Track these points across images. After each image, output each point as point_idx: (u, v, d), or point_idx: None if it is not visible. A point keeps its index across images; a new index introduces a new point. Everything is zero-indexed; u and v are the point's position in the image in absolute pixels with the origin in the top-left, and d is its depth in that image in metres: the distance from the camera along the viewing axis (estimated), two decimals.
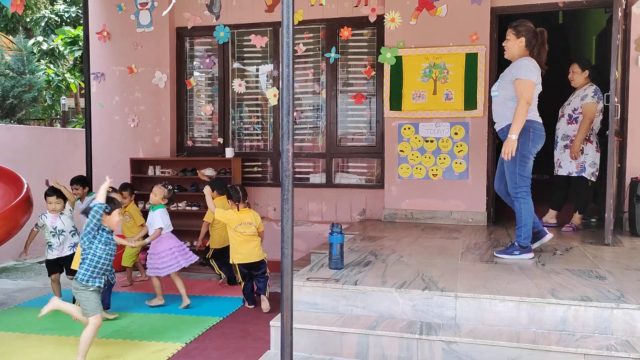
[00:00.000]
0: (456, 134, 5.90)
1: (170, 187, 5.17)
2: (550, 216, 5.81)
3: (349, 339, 3.18)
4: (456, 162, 5.91)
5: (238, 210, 4.88)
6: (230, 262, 4.96)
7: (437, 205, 5.99)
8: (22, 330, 4.36)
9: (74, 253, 4.80)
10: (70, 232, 5.01)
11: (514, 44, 4.13)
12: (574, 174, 5.48)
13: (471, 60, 5.82)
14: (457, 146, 5.90)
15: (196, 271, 6.44)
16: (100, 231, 3.64)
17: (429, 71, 5.94)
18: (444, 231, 5.47)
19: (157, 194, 5.02)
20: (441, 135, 5.94)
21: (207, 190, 4.91)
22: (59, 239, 4.94)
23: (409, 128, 6.04)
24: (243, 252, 4.81)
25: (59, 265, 5.03)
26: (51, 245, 4.95)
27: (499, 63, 5.97)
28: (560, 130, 5.62)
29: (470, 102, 5.83)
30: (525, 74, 3.97)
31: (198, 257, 5.23)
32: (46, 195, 4.97)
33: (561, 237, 5.23)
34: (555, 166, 5.67)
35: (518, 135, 3.94)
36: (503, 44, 4.25)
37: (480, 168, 5.88)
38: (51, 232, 4.92)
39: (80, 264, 3.66)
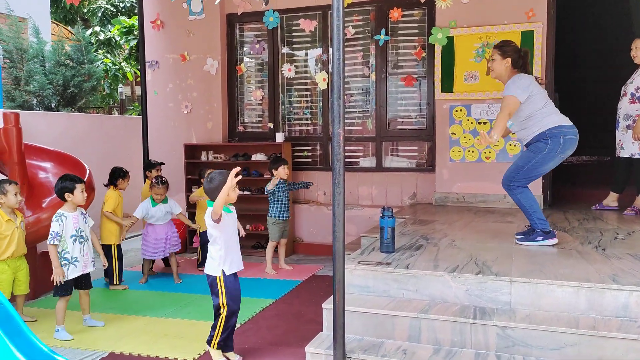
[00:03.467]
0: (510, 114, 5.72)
1: (163, 180, 5.55)
2: (612, 199, 5.59)
3: (401, 322, 3.19)
4: (510, 144, 5.76)
5: None
6: None
7: (490, 188, 5.86)
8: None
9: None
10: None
11: (500, 65, 4.05)
12: (637, 155, 5.23)
13: (527, 38, 5.62)
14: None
15: (249, 254, 6.60)
16: None
17: (482, 51, 5.78)
18: (498, 215, 5.36)
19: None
20: (494, 116, 5.79)
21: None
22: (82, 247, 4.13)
23: (460, 110, 5.92)
24: None
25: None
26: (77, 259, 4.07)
27: (557, 40, 5.75)
28: (622, 110, 5.37)
29: None
30: (510, 90, 3.89)
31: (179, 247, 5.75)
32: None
33: (623, 220, 5.02)
34: (616, 147, 5.43)
35: (499, 135, 3.79)
36: (488, 65, 4.17)
37: None
38: (72, 236, 4.06)
39: None
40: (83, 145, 7.06)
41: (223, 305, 3.44)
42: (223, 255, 3.44)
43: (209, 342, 3.50)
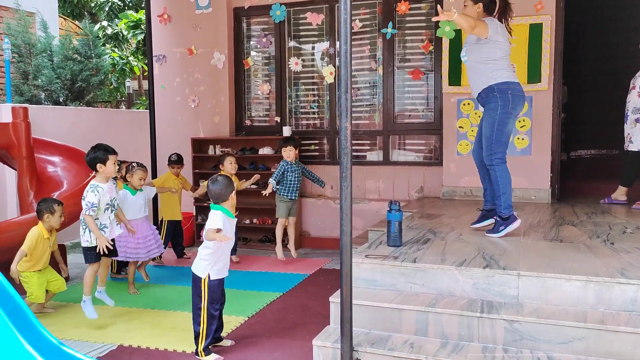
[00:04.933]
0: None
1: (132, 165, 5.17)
2: (620, 193, 5.56)
3: (408, 316, 3.19)
4: (518, 138, 5.73)
5: None
6: None
7: None
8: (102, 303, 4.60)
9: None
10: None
11: (471, 10, 4.03)
12: None
13: (535, 31, 5.57)
14: (519, 121, 5.70)
15: (256, 248, 6.61)
16: None
17: None
18: None
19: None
20: None
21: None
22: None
23: (468, 104, 5.89)
24: None
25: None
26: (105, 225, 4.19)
27: (566, 33, 5.71)
28: (630, 103, 5.32)
29: (534, 75, 5.61)
30: (485, 21, 3.91)
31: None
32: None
33: (631, 214, 4.99)
34: (625, 141, 5.39)
35: (457, 20, 3.75)
36: (461, 11, 4.10)
37: (544, 144, 5.67)
38: (107, 205, 4.13)
39: None
40: (91, 139, 7.02)
41: (203, 308, 3.46)
42: (212, 260, 3.49)
43: (197, 353, 3.50)
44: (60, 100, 8.86)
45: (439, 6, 3.76)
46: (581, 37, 8.15)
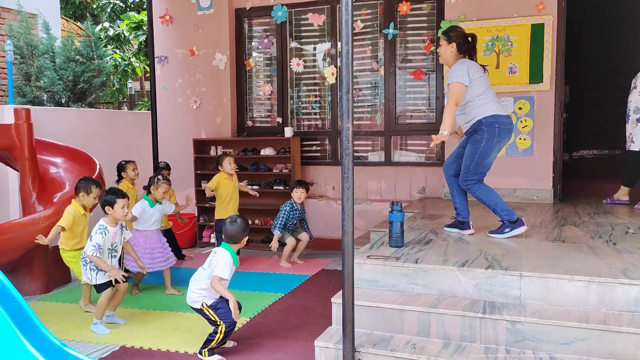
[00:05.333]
0: (520, 108, 5.70)
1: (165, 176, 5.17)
2: (622, 193, 5.55)
3: (410, 317, 3.19)
4: (520, 138, 5.72)
5: None
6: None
7: (500, 182, 5.81)
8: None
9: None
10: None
11: (445, 50, 4.18)
12: None
13: (537, 31, 5.57)
14: (521, 122, 5.71)
15: (258, 249, 6.61)
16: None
17: (491, 44, 5.74)
18: None
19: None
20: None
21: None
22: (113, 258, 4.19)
23: None
24: None
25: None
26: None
27: (568, 33, 5.70)
28: (632, 103, 5.32)
29: (536, 75, 5.61)
30: (454, 78, 4.00)
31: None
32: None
33: (634, 215, 4.99)
34: (627, 141, 5.39)
35: (448, 127, 3.94)
36: (437, 50, 4.29)
37: (546, 144, 5.66)
38: (108, 249, 4.11)
39: None
40: (93, 141, 7.10)
41: (220, 322, 3.49)
42: (206, 294, 3.53)
43: (200, 352, 3.52)
44: (63, 102, 8.87)
45: (433, 135, 3.95)
46: (583, 37, 8.14)
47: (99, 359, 3.57)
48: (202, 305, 3.51)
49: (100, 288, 4.10)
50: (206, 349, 3.49)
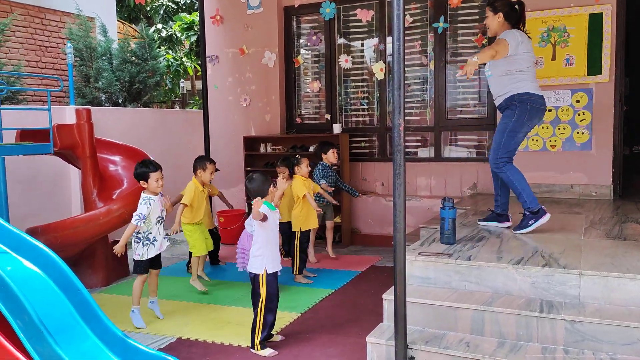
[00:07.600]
0: (578, 101, 5.50)
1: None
2: None
3: (464, 314, 3.14)
4: (577, 132, 5.53)
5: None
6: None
7: (556, 178, 5.66)
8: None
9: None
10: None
11: (492, 21, 4.12)
12: None
13: (595, 21, 5.36)
14: (578, 115, 5.51)
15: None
16: None
17: (547, 35, 5.57)
18: (565, 206, 5.16)
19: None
20: (561, 103, 5.57)
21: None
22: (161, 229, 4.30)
23: None
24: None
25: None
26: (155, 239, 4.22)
27: (628, 22, 5.46)
28: None
29: (594, 66, 5.40)
30: (507, 37, 3.94)
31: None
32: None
33: None
34: None
35: (480, 62, 3.84)
36: (484, 22, 4.20)
37: (606, 137, 5.45)
38: (157, 217, 4.23)
39: None
40: (148, 139, 7.33)
41: (261, 302, 3.55)
42: (265, 254, 3.57)
43: (252, 346, 3.59)
44: (120, 102, 9.19)
45: (469, 62, 3.82)
46: None
47: (158, 349, 3.69)
48: (264, 271, 3.55)
49: (137, 268, 4.22)
50: (257, 342, 3.56)
